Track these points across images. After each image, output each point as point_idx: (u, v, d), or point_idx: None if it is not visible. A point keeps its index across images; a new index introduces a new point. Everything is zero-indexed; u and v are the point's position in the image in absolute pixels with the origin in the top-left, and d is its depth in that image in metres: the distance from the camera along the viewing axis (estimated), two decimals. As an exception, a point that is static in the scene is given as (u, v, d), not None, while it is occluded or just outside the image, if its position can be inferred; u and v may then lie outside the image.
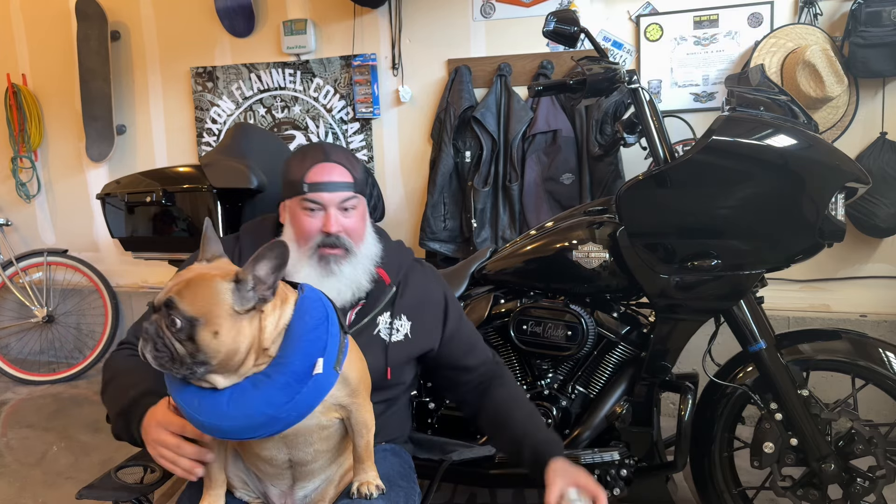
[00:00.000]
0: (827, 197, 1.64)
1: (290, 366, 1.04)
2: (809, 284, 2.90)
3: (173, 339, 1.00)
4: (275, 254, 1.03)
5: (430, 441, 1.67)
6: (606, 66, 1.84)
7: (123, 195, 2.45)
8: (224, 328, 1.00)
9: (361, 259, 1.46)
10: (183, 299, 1.00)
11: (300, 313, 1.08)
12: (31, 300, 3.90)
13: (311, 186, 1.42)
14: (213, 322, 0.99)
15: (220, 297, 1.01)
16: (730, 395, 1.89)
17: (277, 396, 1.03)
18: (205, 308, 1.00)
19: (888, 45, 2.56)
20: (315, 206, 1.42)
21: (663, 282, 1.78)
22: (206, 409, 1.03)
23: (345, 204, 1.43)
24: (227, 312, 1.00)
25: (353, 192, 1.44)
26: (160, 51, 3.78)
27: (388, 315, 1.50)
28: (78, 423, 3.22)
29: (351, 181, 1.44)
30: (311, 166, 1.43)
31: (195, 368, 1.01)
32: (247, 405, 1.03)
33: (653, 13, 2.98)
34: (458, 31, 3.25)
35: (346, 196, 1.43)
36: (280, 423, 1.04)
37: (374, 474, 1.22)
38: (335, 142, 3.52)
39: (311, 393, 1.05)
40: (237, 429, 1.04)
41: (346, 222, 1.44)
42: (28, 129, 3.96)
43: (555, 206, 3.02)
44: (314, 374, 1.04)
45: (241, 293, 1.02)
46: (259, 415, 1.03)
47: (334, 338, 1.09)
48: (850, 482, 1.76)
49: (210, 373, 1.03)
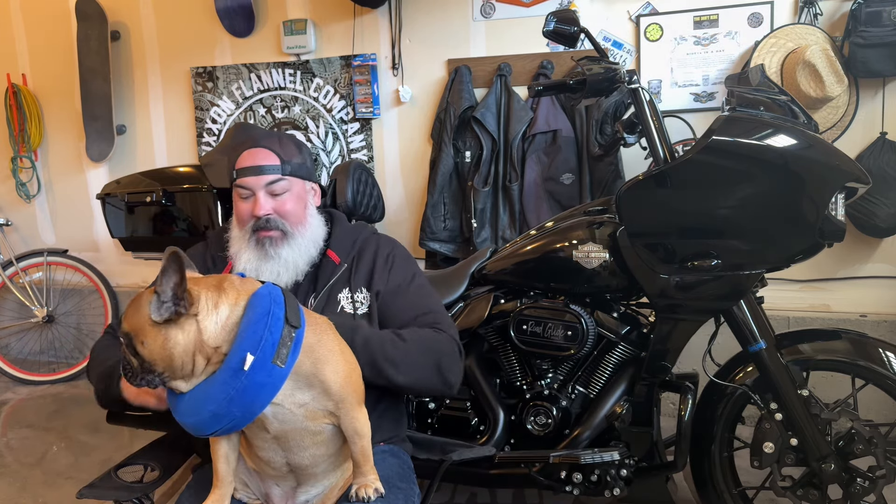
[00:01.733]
0: (827, 197, 1.64)
1: (228, 363, 1.06)
2: (809, 284, 2.90)
3: (127, 354, 1.10)
4: (171, 265, 1.04)
5: (430, 441, 1.67)
6: (606, 66, 1.84)
7: (123, 195, 2.45)
8: (149, 338, 1.06)
9: (301, 242, 1.49)
10: (123, 318, 1.11)
11: (249, 310, 1.09)
12: (31, 300, 3.90)
13: (239, 172, 1.48)
14: (140, 334, 1.07)
15: (141, 311, 1.08)
16: (730, 395, 1.89)
17: (217, 393, 1.06)
18: (133, 323, 1.08)
19: (888, 45, 2.55)
20: (245, 191, 1.48)
21: (663, 282, 1.78)
22: (175, 409, 1.11)
23: (273, 187, 1.47)
24: (148, 324, 1.06)
25: (281, 174, 1.47)
26: (160, 51, 3.78)
27: (347, 291, 1.51)
28: (78, 423, 3.22)
29: (277, 164, 1.47)
30: (239, 154, 1.50)
31: (147, 377, 1.09)
32: (196, 403, 1.08)
33: (653, 13, 2.98)
34: (458, 31, 3.25)
35: (272, 179, 1.46)
36: (225, 419, 1.06)
37: (374, 477, 1.22)
38: (335, 142, 3.52)
39: (252, 389, 1.05)
40: (193, 425, 1.09)
41: (277, 205, 1.47)
42: (28, 129, 3.96)
43: (555, 206, 3.02)
44: (244, 368, 1.04)
45: (157, 305, 1.06)
46: (204, 412, 1.07)
47: (273, 333, 1.07)
48: (850, 482, 1.76)
49: (167, 380, 1.09)
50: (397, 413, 1.59)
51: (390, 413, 1.55)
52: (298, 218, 1.49)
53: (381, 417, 1.51)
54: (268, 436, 1.18)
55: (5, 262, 3.87)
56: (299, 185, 1.51)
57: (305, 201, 1.53)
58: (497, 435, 1.98)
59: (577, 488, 1.87)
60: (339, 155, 3.54)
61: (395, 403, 1.57)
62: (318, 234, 1.54)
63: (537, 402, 1.95)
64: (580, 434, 1.90)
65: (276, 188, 1.47)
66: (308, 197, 1.55)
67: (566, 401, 1.95)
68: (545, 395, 1.96)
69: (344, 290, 1.51)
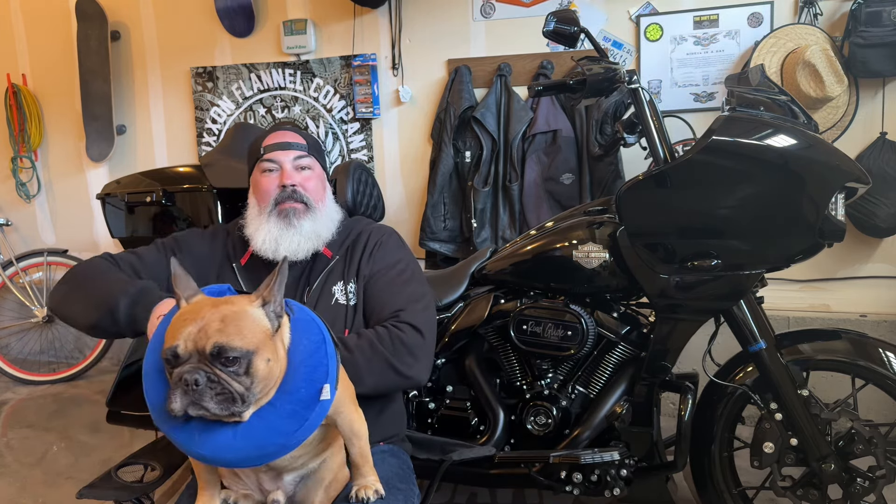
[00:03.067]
0: (827, 197, 1.64)
1: (297, 393, 1.02)
2: (809, 284, 2.90)
3: (230, 380, 0.97)
4: (283, 271, 1.03)
5: (430, 441, 1.67)
6: (606, 66, 1.84)
7: (123, 195, 2.45)
8: (273, 353, 1.00)
9: (322, 217, 1.54)
10: (231, 338, 0.97)
11: (297, 336, 1.07)
12: (31, 300, 3.90)
13: (267, 149, 1.55)
14: (263, 351, 0.99)
15: (260, 324, 1.00)
16: (730, 395, 1.88)
17: (286, 425, 1.01)
18: (254, 339, 0.99)
19: (888, 45, 2.56)
20: (272, 165, 1.53)
21: (663, 282, 1.78)
22: (208, 443, 1.00)
23: (299, 162, 1.54)
24: (269, 337, 1.01)
25: (307, 152, 1.55)
26: (160, 51, 3.78)
27: (341, 283, 1.54)
28: (78, 423, 3.22)
29: (304, 143, 1.56)
30: (266, 135, 1.59)
31: (248, 401, 0.99)
32: (255, 436, 1.00)
33: (653, 13, 2.98)
34: (458, 31, 3.25)
35: (300, 154, 1.55)
36: (288, 449, 1.04)
37: (374, 479, 1.22)
38: (335, 142, 3.52)
39: (318, 416, 1.04)
40: (243, 459, 1.02)
41: (303, 179, 1.54)
42: (28, 129, 3.96)
43: (555, 206, 3.02)
44: (321, 399, 1.02)
45: (271, 316, 1.02)
46: (270, 444, 1.01)
47: (333, 359, 1.08)
48: (850, 482, 1.76)
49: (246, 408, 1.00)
50: (396, 412, 1.59)
51: (389, 411, 1.55)
52: (319, 196, 1.56)
53: (380, 416, 1.51)
54: None
55: (5, 262, 3.87)
56: (320, 169, 1.60)
57: (325, 184, 1.61)
58: (497, 435, 1.98)
59: (577, 488, 1.87)
60: (339, 155, 3.54)
61: (392, 402, 1.57)
62: (335, 217, 1.60)
63: (537, 402, 1.95)
64: (580, 434, 1.90)
65: (302, 163, 1.54)
66: (326, 183, 1.62)
67: (566, 401, 1.95)
68: (545, 395, 1.95)
69: (339, 282, 1.54)
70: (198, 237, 1.64)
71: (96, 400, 3.52)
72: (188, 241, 1.61)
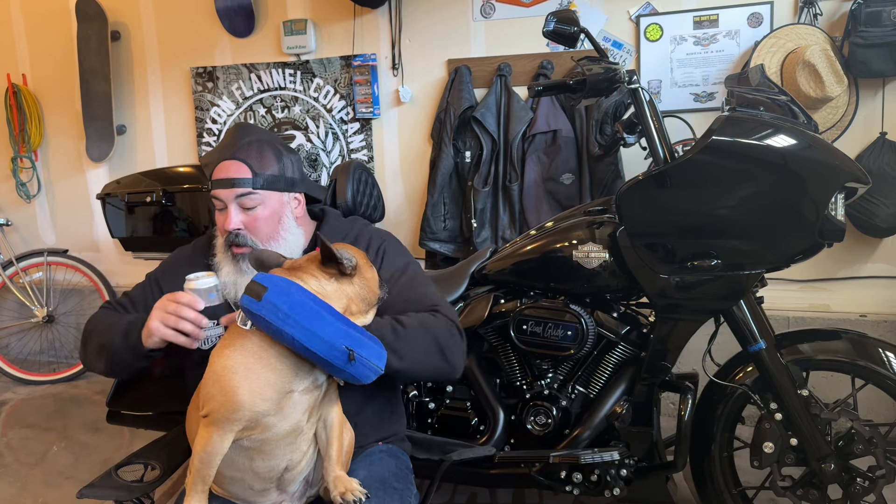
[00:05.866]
0: (827, 197, 1.64)
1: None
2: (809, 284, 2.90)
3: None
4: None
5: (430, 441, 1.67)
6: (606, 66, 1.84)
7: (123, 195, 2.45)
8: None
9: (280, 248, 1.47)
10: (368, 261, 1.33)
11: None
12: (31, 300, 3.90)
13: (213, 184, 1.46)
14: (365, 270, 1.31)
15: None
16: (730, 395, 1.89)
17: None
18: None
19: (888, 45, 2.55)
20: (219, 202, 1.46)
21: (663, 282, 1.78)
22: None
23: (243, 200, 1.43)
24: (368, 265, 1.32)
25: (252, 188, 1.43)
26: (160, 51, 3.78)
27: None
28: (78, 423, 3.22)
29: (249, 177, 1.43)
30: (215, 164, 1.47)
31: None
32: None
33: (653, 13, 2.98)
34: (458, 31, 3.25)
35: (242, 192, 1.43)
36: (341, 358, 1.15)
37: (356, 482, 1.24)
38: (335, 142, 3.52)
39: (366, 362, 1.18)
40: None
41: (248, 220, 1.44)
42: (28, 129, 3.96)
43: (555, 206, 3.02)
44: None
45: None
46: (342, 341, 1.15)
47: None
48: (849, 482, 1.76)
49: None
50: (396, 412, 1.59)
51: (388, 411, 1.55)
52: (270, 233, 1.46)
53: (379, 416, 1.51)
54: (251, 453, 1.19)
55: (5, 262, 3.87)
56: (274, 198, 1.47)
57: (280, 215, 1.48)
58: (497, 435, 1.98)
59: (577, 488, 1.88)
60: (339, 155, 3.54)
61: (392, 401, 1.57)
62: (295, 245, 1.51)
63: (537, 402, 1.95)
64: (580, 434, 1.90)
65: (246, 201, 1.43)
66: (285, 210, 1.50)
67: (566, 401, 1.95)
68: (545, 394, 1.96)
69: None
70: (184, 256, 1.62)
71: (96, 400, 3.52)
72: (174, 263, 1.61)
